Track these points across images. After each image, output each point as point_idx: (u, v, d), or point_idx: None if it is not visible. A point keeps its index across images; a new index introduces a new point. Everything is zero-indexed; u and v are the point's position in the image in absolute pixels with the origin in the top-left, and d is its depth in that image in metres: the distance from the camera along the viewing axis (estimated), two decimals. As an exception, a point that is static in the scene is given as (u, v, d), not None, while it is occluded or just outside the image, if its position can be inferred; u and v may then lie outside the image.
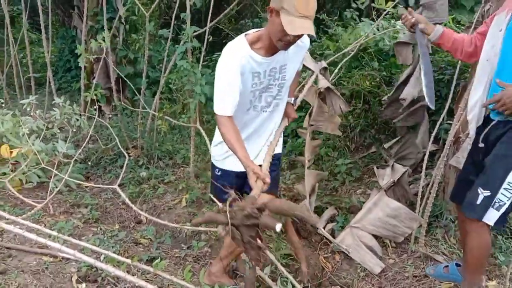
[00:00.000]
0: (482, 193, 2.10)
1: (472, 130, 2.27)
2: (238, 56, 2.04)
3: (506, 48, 2.05)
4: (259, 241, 1.75)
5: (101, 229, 3.31)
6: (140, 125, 4.35)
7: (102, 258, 2.71)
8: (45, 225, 3.24)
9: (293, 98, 2.58)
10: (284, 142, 4.58)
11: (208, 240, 3.17)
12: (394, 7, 3.89)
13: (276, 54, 2.12)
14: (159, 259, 2.48)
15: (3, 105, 4.25)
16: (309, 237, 3.14)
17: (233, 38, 2.19)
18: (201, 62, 3.63)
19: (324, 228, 3.23)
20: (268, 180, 1.95)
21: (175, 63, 4.62)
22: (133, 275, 2.33)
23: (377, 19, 4.18)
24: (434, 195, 3.00)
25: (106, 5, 4.46)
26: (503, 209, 2.11)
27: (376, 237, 3.06)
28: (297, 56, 2.24)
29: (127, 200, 3.10)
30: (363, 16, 5.29)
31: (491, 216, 2.13)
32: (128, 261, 2.41)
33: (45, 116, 4.51)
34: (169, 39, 4.09)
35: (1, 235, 3.06)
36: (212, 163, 2.51)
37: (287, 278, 2.41)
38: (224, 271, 2.60)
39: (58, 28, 6.73)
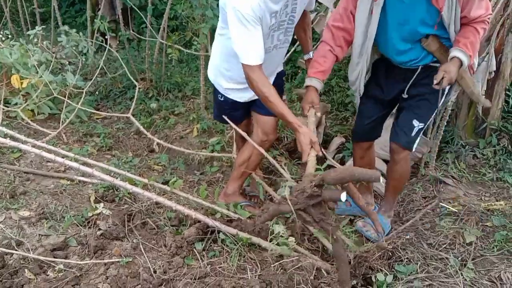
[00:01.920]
0: (418, 126, 2.28)
1: (357, 97, 2.52)
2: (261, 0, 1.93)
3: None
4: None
5: (114, 156, 3.37)
6: (148, 56, 4.30)
7: (118, 179, 2.78)
8: (60, 152, 3.29)
9: (311, 52, 2.49)
10: (295, 74, 4.54)
11: (221, 166, 3.22)
12: None
13: None
14: (174, 179, 2.54)
15: (9, 36, 4.19)
16: (318, 163, 3.18)
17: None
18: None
19: (333, 157, 3.26)
20: (320, 153, 2.01)
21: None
22: (150, 193, 2.38)
23: None
24: (446, 121, 3.00)
25: None
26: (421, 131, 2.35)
27: (386, 161, 3.10)
28: None
29: (141, 128, 3.15)
30: None
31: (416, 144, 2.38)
32: (145, 180, 2.49)
33: (52, 48, 4.47)
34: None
35: (18, 161, 3.13)
36: (214, 87, 2.51)
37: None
38: (238, 191, 2.66)
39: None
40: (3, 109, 3.57)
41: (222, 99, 2.48)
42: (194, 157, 3.34)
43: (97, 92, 4.38)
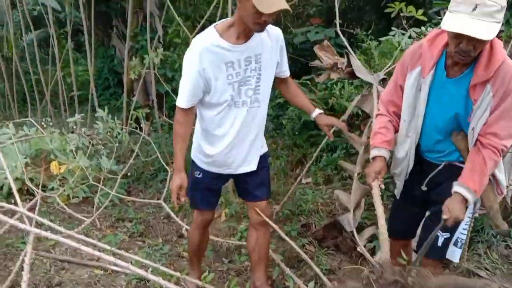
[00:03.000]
0: (442, 236, 2.19)
1: (400, 183, 2.34)
2: (200, 47, 2.08)
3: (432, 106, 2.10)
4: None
5: (145, 242, 3.44)
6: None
7: (149, 270, 2.82)
8: (93, 238, 3.38)
9: (317, 109, 2.52)
10: (320, 156, 4.63)
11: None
12: (424, 14, 3.95)
13: (249, 41, 2.13)
14: (206, 272, 2.56)
15: (51, 123, 4.48)
16: (350, 252, 3.17)
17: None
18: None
19: (364, 246, 3.24)
20: (175, 204, 2.28)
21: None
22: (182, 288, 2.41)
23: (408, 28, 4.20)
24: (476, 211, 2.99)
25: (144, 25, 4.72)
26: (464, 245, 2.27)
27: (416, 252, 3.07)
28: (271, 45, 2.23)
29: (172, 214, 3.24)
30: (393, 25, 5.31)
31: (455, 255, 2.26)
32: (178, 274, 2.52)
33: (88, 131, 4.74)
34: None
35: (53, 248, 3.23)
36: (192, 164, 2.49)
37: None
38: (266, 282, 2.66)
39: (96, 48, 7.05)
40: (40, 194, 3.73)
41: (200, 175, 2.46)
42: (222, 244, 3.37)
43: (129, 174, 4.54)
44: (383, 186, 2.14)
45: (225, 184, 2.57)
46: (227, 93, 2.18)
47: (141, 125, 4.32)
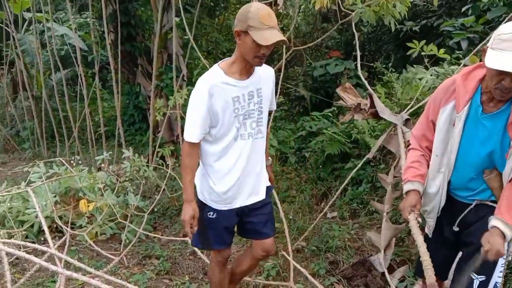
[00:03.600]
0: (477, 279, 2.10)
1: (432, 220, 2.28)
2: (208, 85, 2.16)
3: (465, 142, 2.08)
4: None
5: (172, 280, 3.43)
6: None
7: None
8: (121, 277, 3.41)
9: (269, 159, 2.66)
10: (344, 190, 4.60)
11: (277, 293, 3.21)
12: (443, 46, 3.98)
13: (251, 77, 2.24)
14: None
15: (80, 162, 4.59)
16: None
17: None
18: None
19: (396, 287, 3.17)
20: (189, 235, 2.35)
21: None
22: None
23: (430, 66, 4.24)
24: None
25: (169, 64, 4.85)
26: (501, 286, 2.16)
27: (450, 290, 2.99)
28: (268, 81, 2.35)
29: (199, 253, 3.24)
30: (413, 56, 5.35)
31: None
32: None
33: (114, 168, 4.83)
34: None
35: (82, 288, 3.26)
36: (202, 206, 2.41)
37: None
38: None
39: (122, 85, 7.25)
40: (70, 232, 3.80)
41: (213, 216, 2.43)
42: (249, 282, 3.35)
43: (155, 210, 4.59)
44: (420, 219, 2.10)
45: (236, 221, 2.53)
46: (233, 126, 2.26)
47: (167, 162, 4.39)
